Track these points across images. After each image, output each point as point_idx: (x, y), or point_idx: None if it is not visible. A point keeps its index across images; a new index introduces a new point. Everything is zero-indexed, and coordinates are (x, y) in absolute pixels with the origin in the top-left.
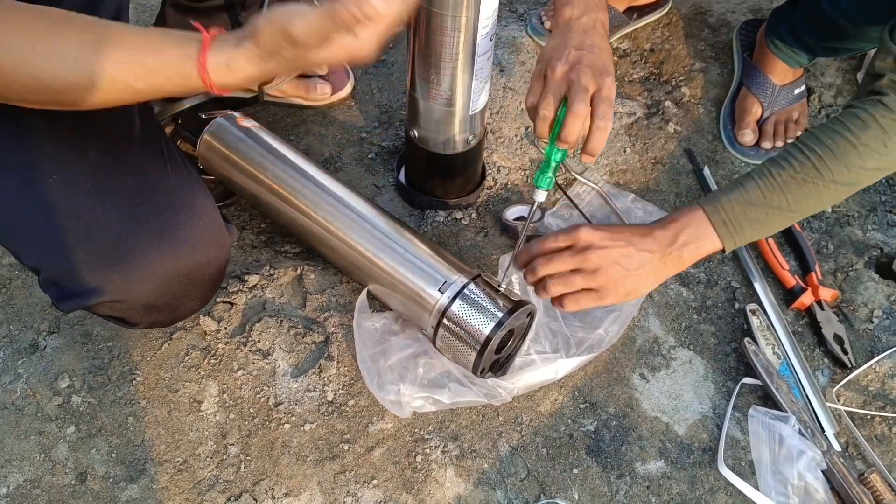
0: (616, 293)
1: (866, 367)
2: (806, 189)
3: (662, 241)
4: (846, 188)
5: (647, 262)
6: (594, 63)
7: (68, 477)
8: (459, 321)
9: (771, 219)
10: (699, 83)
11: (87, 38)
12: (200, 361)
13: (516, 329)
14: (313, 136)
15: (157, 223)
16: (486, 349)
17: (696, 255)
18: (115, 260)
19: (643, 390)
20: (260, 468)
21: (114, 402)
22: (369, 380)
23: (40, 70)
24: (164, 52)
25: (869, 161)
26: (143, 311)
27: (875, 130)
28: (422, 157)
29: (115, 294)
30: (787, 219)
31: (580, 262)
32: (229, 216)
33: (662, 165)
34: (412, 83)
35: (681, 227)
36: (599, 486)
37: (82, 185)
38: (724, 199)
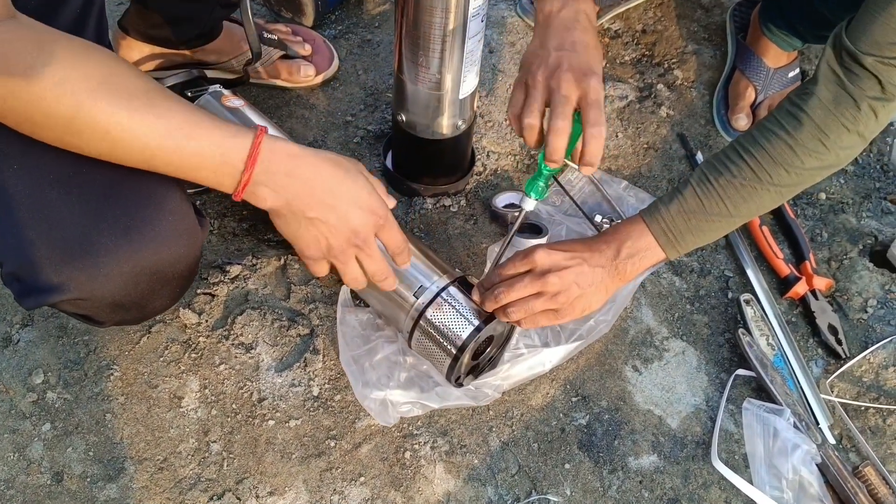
0: (573, 312)
1: (860, 358)
2: (745, 193)
3: (607, 254)
4: (788, 189)
5: (598, 278)
6: (576, 64)
7: (44, 476)
8: (435, 326)
9: (712, 226)
10: (692, 66)
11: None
12: (181, 355)
13: (496, 336)
14: (296, 120)
15: (123, 218)
16: (461, 357)
17: (640, 267)
18: (78, 256)
19: (636, 383)
20: (243, 466)
21: (91, 399)
22: (354, 384)
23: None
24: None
25: (808, 161)
26: (109, 310)
27: (810, 128)
28: (409, 143)
29: (79, 292)
30: (729, 224)
31: (541, 287)
32: (209, 200)
33: (655, 151)
34: (399, 65)
35: (622, 239)
36: (592, 481)
37: (46, 176)
38: (664, 208)
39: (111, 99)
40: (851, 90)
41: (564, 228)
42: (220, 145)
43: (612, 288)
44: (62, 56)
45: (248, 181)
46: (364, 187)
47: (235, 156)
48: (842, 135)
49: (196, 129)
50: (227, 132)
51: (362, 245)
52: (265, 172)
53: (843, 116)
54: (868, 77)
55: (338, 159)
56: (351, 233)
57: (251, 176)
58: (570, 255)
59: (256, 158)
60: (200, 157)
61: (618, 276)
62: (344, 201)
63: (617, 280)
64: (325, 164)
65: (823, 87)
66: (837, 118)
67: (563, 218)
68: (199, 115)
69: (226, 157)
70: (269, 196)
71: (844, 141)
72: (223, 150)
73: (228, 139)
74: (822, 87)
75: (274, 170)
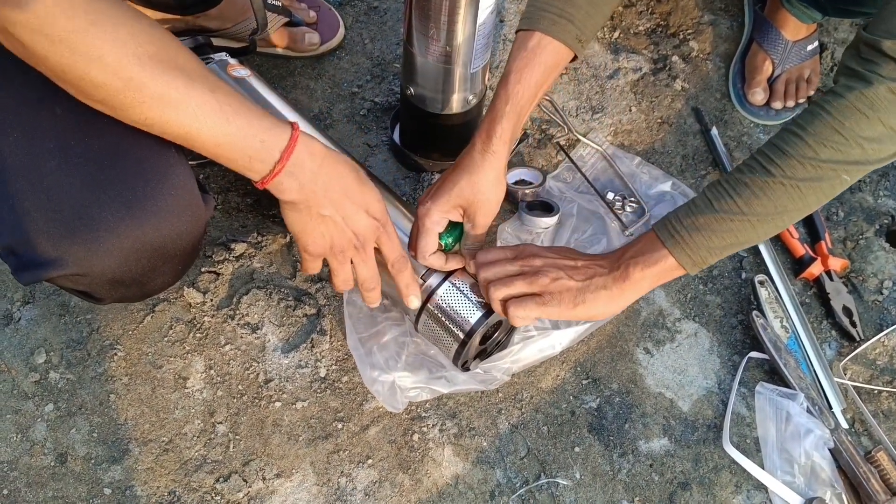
0: (561, 301)
1: (874, 341)
2: (756, 187)
3: (609, 258)
4: (807, 186)
5: (594, 274)
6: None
7: (47, 458)
8: (443, 310)
9: (725, 226)
10: (708, 37)
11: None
12: (185, 335)
13: (504, 321)
14: (301, 90)
15: (125, 191)
16: (469, 342)
17: (647, 271)
18: (77, 230)
19: (647, 365)
20: (250, 448)
21: (94, 379)
22: (361, 367)
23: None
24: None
25: (823, 152)
26: (108, 286)
27: (823, 117)
28: (418, 117)
29: (77, 267)
30: (745, 226)
31: (521, 265)
32: (213, 174)
33: (669, 125)
34: (408, 37)
35: (629, 246)
36: (601, 465)
37: (45, 145)
38: (672, 214)
39: (167, 66)
40: (868, 76)
41: (576, 206)
42: (261, 132)
43: (616, 289)
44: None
45: (280, 171)
46: (373, 194)
47: (274, 145)
48: (860, 121)
49: (242, 111)
50: (268, 120)
51: (360, 249)
52: (296, 166)
53: (859, 101)
54: (887, 61)
55: (354, 164)
56: (354, 235)
57: (284, 167)
58: (564, 253)
59: (292, 151)
60: (242, 139)
61: (620, 277)
62: (355, 204)
63: (620, 281)
64: (345, 167)
65: (839, 81)
66: (853, 104)
67: (574, 195)
68: (242, 98)
69: (265, 144)
70: (294, 188)
71: (865, 130)
72: (263, 138)
73: (270, 128)
74: (839, 82)
75: (303, 165)
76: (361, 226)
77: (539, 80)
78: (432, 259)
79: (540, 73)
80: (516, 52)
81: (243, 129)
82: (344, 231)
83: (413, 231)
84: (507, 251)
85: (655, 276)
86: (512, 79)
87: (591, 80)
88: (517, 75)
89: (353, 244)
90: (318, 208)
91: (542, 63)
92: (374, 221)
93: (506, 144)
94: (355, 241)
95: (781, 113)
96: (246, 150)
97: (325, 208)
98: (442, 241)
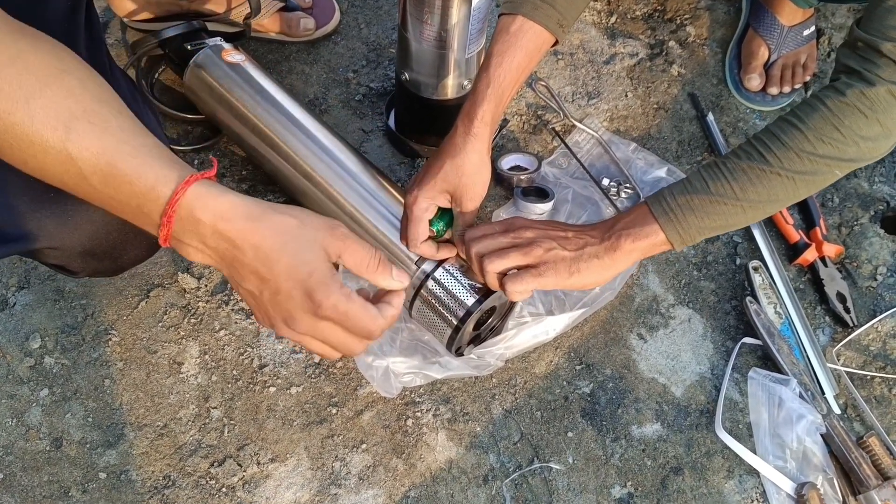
0: (557, 271)
1: (868, 327)
2: (752, 175)
3: (599, 228)
4: (801, 178)
5: (586, 244)
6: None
7: (43, 442)
8: (436, 296)
9: (718, 209)
10: (705, 22)
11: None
12: (180, 321)
13: (499, 306)
14: (296, 76)
15: None
16: (462, 327)
17: (637, 243)
18: (47, 204)
19: (641, 351)
20: (244, 433)
21: (89, 364)
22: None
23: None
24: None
25: (822, 147)
26: (80, 259)
27: (823, 112)
28: (413, 102)
29: (49, 241)
30: (737, 211)
31: (513, 238)
32: (207, 160)
33: (665, 111)
34: (403, 22)
35: (619, 218)
36: (594, 450)
37: None
38: (667, 191)
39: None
40: (868, 77)
41: (571, 192)
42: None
43: (608, 260)
44: None
45: (168, 237)
46: (307, 265)
47: (151, 208)
48: (858, 120)
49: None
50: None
51: (306, 332)
52: (186, 232)
53: (859, 101)
54: (887, 63)
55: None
56: (287, 315)
57: (169, 233)
58: (554, 224)
59: (172, 217)
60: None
61: (611, 248)
62: (275, 276)
63: (611, 252)
64: (261, 230)
65: (840, 78)
66: (853, 103)
67: (569, 181)
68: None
69: (142, 207)
70: (196, 255)
71: (863, 129)
72: (139, 202)
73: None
74: (839, 78)
75: (197, 231)
76: (290, 306)
77: (520, 63)
78: (423, 247)
79: (521, 57)
80: (498, 35)
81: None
82: (274, 308)
83: (403, 221)
84: (496, 225)
85: (645, 249)
86: (493, 62)
87: (587, 66)
88: (498, 58)
89: (294, 327)
90: (236, 280)
91: (523, 47)
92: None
93: (488, 126)
94: (291, 323)
95: (778, 98)
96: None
97: (244, 281)
98: (433, 228)
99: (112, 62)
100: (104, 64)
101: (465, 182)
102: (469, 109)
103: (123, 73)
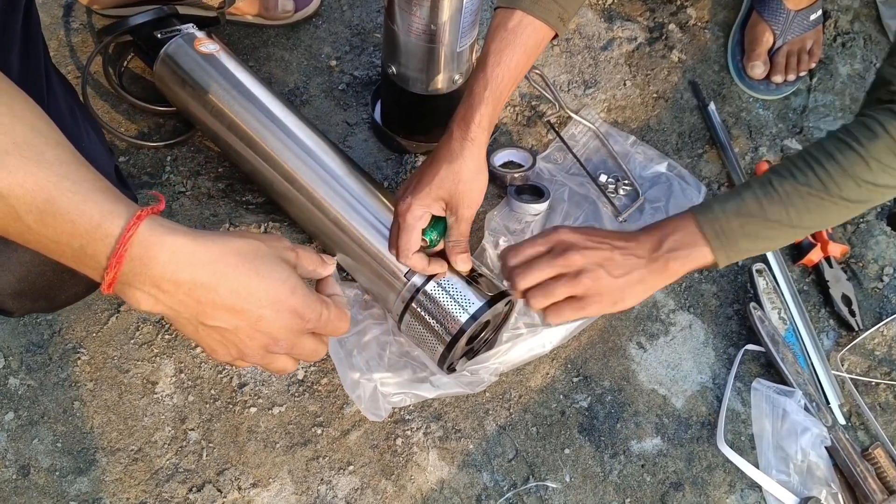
0: (601, 301)
1: (873, 331)
2: (810, 203)
3: (646, 245)
4: (855, 206)
5: (633, 267)
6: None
7: (9, 471)
8: (428, 308)
9: (770, 233)
10: (706, 4)
11: None
12: (153, 337)
13: (493, 319)
14: (275, 63)
15: None
16: (455, 344)
17: (685, 267)
18: None
19: (640, 361)
20: (224, 456)
21: (56, 385)
22: (341, 373)
23: None
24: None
25: (882, 177)
26: (13, 300)
27: (886, 141)
28: (400, 97)
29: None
30: (788, 235)
31: (562, 267)
32: (181, 156)
33: (665, 101)
34: (390, 13)
35: (668, 233)
36: (592, 467)
37: None
38: (719, 208)
39: None
40: None
41: (567, 191)
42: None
43: (651, 285)
44: None
45: (114, 281)
46: (285, 283)
47: (97, 249)
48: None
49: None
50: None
51: (286, 351)
52: (136, 275)
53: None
54: None
55: (247, 247)
56: (269, 340)
57: (117, 276)
58: (598, 239)
59: (123, 257)
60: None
61: (658, 271)
62: (256, 304)
63: (657, 275)
64: (227, 260)
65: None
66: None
67: (565, 178)
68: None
69: (86, 248)
70: (146, 301)
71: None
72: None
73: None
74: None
75: (151, 272)
76: (275, 328)
77: (519, 62)
78: (415, 259)
79: (520, 55)
80: (495, 31)
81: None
82: (251, 338)
83: (393, 229)
84: (538, 243)
85: (691, 269)
86: (490, 61)
87: (583, 52)
88: (496, 57)
89: (271, 350)
90: (198, 319)
91: (522, 44)
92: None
93: (485, 131)
94: (274, 346)
95: (782, 87)
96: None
97: (209, 319)
98: (426, 238)
99: (50, 68)
100: (40, 73)
101: (461, 189)
102: (465, 113)
103: (62, 81)
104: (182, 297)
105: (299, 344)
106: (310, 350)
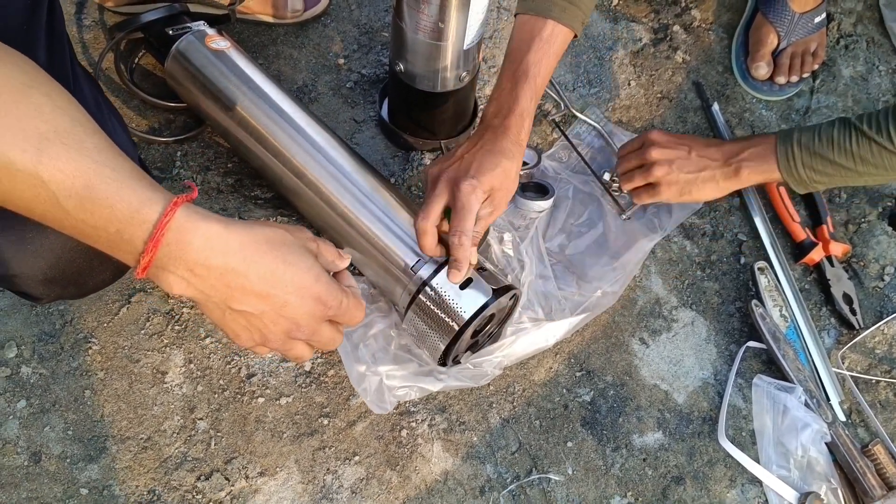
0: (670, 190)
1: (874, 329)
2: (885, 157)
3: (725, 151)
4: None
5: (705, 167)
6: (460, 168)
7: (20, 457)
8: (434, 301)
9: (832, 172)
10: (711, 5)
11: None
12: (163, 328)
13: (497, 313)
14: (284, 60)
15: None
16: (460, 336)
17: (754, 177)
18: (4, 231)
19: (643, 356)
20: (232, 445)
21: (68, 374)
22: (347, 366)
23: None
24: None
25: None
26: (42, 287)
27: None
28: (407, 95)
29: (6, 269)
30: (848, 178)
31: (639, 160)
32: (190, 151)
33: (669, 101)
34: (398, 11)
35: (748, 146)
36: (594, 460)
37: None
38: (796, 137)
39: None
40: None
41: (571, 188)
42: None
43: (724, 184)
44: None
45: (149, 264)
46: (310, 270)
47: (134, 233)
48: None
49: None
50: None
51: (307, 337)
52: (172, 259)
53: None
54: None
55: (275, 236)
56: (292, 325)
57: (152, 260)
58: (678, 141)
59: (160, 242)
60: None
61: (730, 175)
62: (282, 289)
63: (729, 178)
64: (257, 247)
65: None
66: None
67: (570, 175)
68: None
69: (122, 233)
70: (179, 284)
71: None
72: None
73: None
74: None
75: (186, 257)
76: (299, 314)
77: (552, 69)
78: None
79: (554, 63)
80: (532, 41)
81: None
82: (275, 323)
83: (431, 205)
84: (636, 141)
85: (759, 182)
86: (533, 71)
87: (588, 52)
88: (536, 68)
89: (293, 335)
90: (226, 303)
91: (555, 53)
92: (317, 305)
93: (527, 138)
94: (296, 332)
95: (785, 88)
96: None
97: (237, 303)
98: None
99: (75, 63)
100: (66, 67)
101: (508, 186)
102: (518, 121)
103: (86, 75)
104: (214, 281)
105: (319, 331)
106: (328, 338)
